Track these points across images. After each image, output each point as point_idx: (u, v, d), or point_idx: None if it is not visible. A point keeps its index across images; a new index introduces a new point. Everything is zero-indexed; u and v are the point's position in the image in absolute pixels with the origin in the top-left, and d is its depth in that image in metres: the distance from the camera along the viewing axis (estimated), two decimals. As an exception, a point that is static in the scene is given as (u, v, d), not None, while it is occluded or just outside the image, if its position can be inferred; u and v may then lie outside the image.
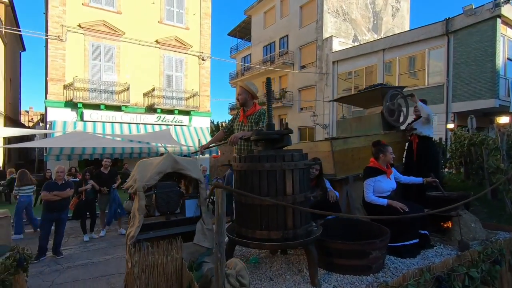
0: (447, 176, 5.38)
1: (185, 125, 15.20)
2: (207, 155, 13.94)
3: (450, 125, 10.72)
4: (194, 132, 14.92)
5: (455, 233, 3.12)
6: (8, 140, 13.93)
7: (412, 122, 4.47)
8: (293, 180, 2.22)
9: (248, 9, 23.97)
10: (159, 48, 14.65)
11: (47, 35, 12.37)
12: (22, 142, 14.27)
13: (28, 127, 25.64)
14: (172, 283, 2.12)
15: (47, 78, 12.44)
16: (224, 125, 32.30)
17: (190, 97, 15.36)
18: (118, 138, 11.96)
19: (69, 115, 12.71)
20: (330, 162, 3.66)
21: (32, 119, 32.30)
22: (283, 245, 2.27)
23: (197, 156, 4.19)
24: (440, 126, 11.84)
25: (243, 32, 26.48)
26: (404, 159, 4.54)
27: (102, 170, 6.83)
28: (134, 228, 2.50)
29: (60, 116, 12.50)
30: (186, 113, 15.27)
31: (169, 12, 15.02)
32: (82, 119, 12.81)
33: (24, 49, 21.92)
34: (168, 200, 2.82)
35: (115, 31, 13.46)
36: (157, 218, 2.89)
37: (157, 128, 14.16)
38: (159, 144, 12.21)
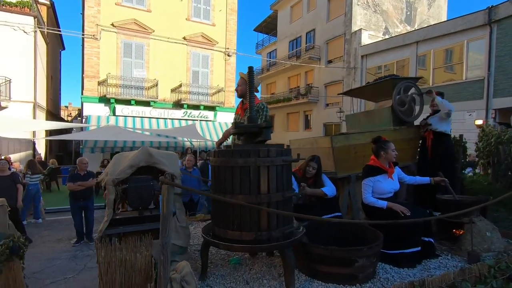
0: (468, 177, 4.85)
1: (210, 120, 15.47)
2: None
3: (479, 121, 9.81)
4: (219, 127, 15.14)
5: (466, 243, 2.77)
6: (50, 133, 15.02)
7: (428, 117, 4.09)
8: (268, 178, 2.05)
9: (275, 3, 23.71)
10: (186, 44, 14.97)
11: (83, 34, 13.11)
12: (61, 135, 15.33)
13: (67, 122, 27.44)
14: (142, 281, 2.01)
15: (83, 75, 13.21)
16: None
17: (216, 92, 15.58)
18: (147, 133, 12.47)
19: (103, 110, 13.43)
20: (331, 159, 3.43)
21: (70, 113, 34.58)
22: (254, 247, 2.09)
23: None
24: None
25: (269, 27, 26.30)
26: (417, 157, 4.20)
27: None
28: (103, 223, 2.45)
29: (95, 111, 13.24)
30: (212, 108, 15.53)
31: (196, 9, 15.27)
32: (114, 114, 13.48)
33: (64, 48, 23.42)
34: (141, 195, 2.68)
35: (145, 29, 13.94)
36: (132, 213, 2.76)
37: (183, 123, 14.55)
38: (185, 139, 12.55)
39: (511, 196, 3.98)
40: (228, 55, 16.03)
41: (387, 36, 17.62)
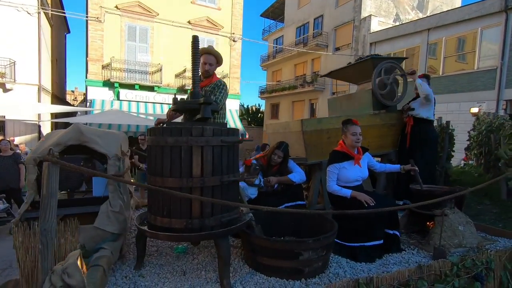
0: (459, 168, 4.51)
1: (215, 107, 15.36)
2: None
3: (474, 109, 9.37)
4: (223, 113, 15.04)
5: (435, 237, 2.53)
6: (55, 116, 15.08)
7: (411, 101, 3.83)
8: (202, 159, 1.85)
9: (282, -12, 23.08)
10: (191, 29, 14.71)
11: (87, 17, 12.94)
12: (66, 118, 15.40)
13: (72, 106, 27.55)
14: None
15: (87, 59, 13.13)
16: (254, 109, 32.15)
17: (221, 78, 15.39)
18: (150, 117, 12.42)
19: (107, 94, 13.40)
20: (301, 144, 3.23)
21: (76, 98, 34.72)
22: (183, 236, 1.94)
23: None
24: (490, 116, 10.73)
25: (276, 13, 25.69)
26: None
27: (141, 147, 7.15)
28: (23, 205, 2.27)
29: (99, 95, 13.22)
30: (216, 95, 15.38)
31: (202, -8, 14.92)
32: (118, 98, 13.44)
33: (68, 31, 23.24)
34: (68, 176, 2.47)
35: (149, 12, 13.69)
36: (60, 195, 2.55)
37: (187, 109, 14.47)
38: (189, 125, 12.50)
39: (495, 188, 3.78)
40: (234, 40, 15.74)
41: (397, 23, 17.08)
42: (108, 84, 13.24)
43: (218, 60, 2.76)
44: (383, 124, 3.74)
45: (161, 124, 2.29)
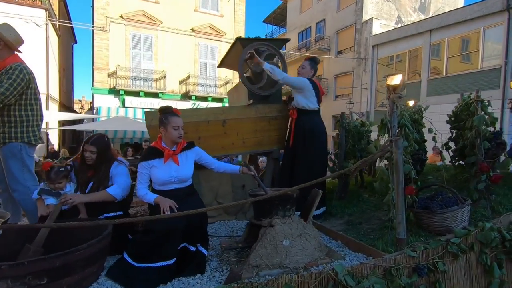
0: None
1: (218, 112, 15.50)
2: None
3: (410, 103, 8.97)
4: (226, 119, 15.17)
5: (250, 255, 1.97)
6: (63, 124, 15.37)
7: None
8: None
9: (284, -6, 23.36)
10: (194, 36, 14.95)
11: (93, 27, 13.26)
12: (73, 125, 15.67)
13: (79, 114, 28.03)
14: None
15: (93, 67, 13.42)
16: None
17: (224, 84, 15.55)
18: (155, 123, 12.60)
19: (113, 101, 13.64)
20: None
21: (83, 106, 35.34)
22: None
23: None
24: (495, 115, 10.62)
25: (278, 18, 25.97)
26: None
27: None
28: None
29: (105, 103, 13.46)
30: (219, 100, 15.53)
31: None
32: (124, 105, 13.67)
33: (75, 42, 23.80)
34: None
35: (153, 20, 13.98)
36: None
37: (191, 114, 14.63)
38: (193, 130, 12.62)
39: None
40: (236, 46, 15.93)
41: (399, 25, 17.10)
42: (113, 91, 13.48)
43: None
44: (260, 117, 3.24)
45: None
